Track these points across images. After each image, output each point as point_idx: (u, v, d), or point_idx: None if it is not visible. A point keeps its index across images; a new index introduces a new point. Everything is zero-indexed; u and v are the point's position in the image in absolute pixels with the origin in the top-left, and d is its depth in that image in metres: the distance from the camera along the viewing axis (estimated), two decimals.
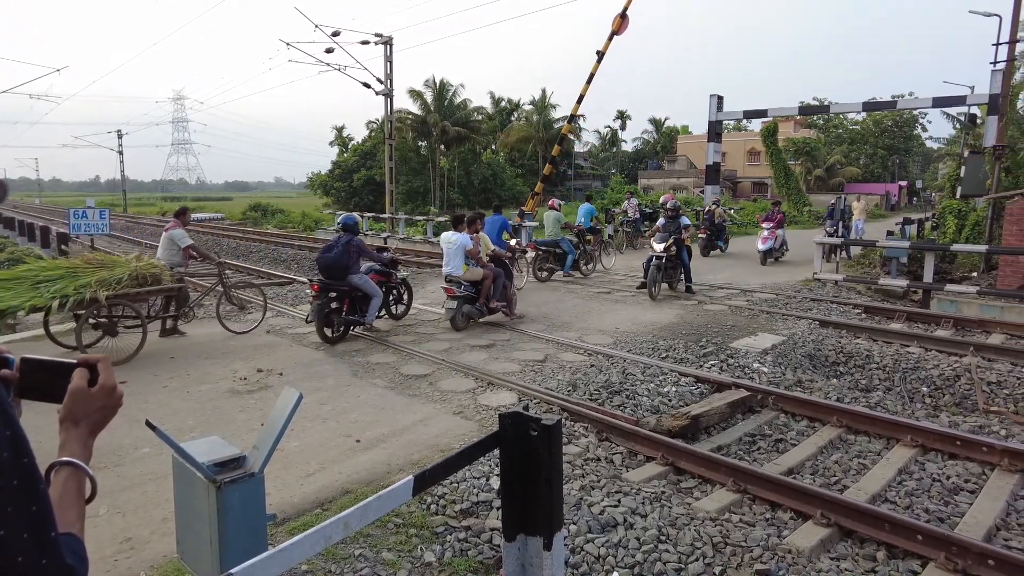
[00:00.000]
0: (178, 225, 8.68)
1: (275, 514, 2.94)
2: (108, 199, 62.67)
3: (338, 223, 9.11)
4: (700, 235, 17.75)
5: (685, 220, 11.63)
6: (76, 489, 1.09)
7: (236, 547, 2.16)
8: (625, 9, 18.71)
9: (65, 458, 1.10)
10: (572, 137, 55.10)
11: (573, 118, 21.81)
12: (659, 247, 11.13)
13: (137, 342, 7.28)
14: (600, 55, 19.09)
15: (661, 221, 11.81)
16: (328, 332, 8.17)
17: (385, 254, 9.51)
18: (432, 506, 4.05)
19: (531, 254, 13.69)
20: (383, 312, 9.02)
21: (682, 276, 11.66)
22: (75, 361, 1.17)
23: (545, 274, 13.48)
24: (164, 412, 5.67)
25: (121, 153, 51.52)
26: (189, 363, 7.22)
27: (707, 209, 19.04)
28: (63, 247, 18.48)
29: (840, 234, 17.33)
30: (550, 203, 14.16)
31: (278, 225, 34.27)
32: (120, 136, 51.30)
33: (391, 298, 9.32)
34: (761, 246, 16.32)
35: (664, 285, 11.52)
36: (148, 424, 2.05)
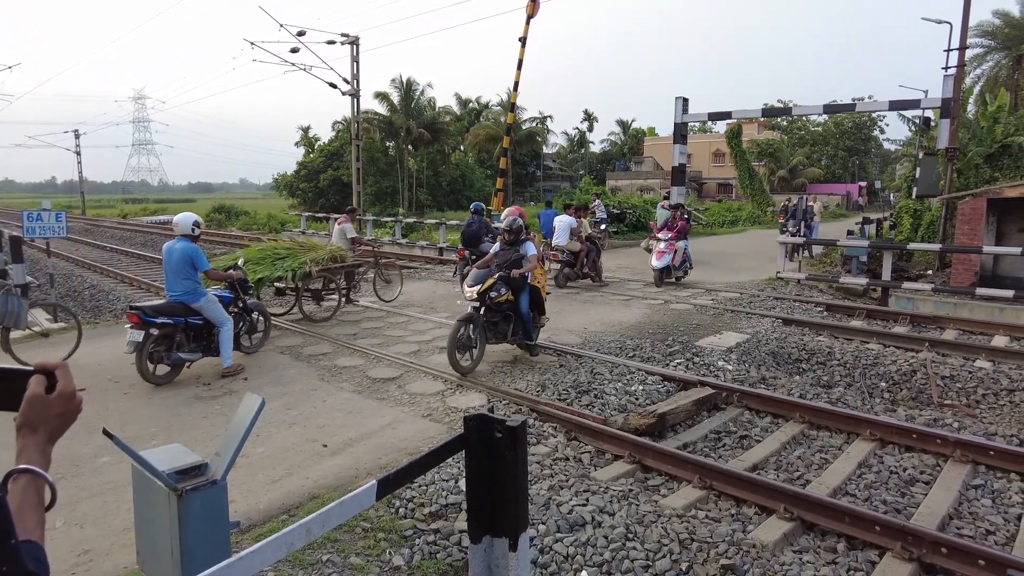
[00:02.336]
0: (347, 220, 11.52)
1: (239, 521, 2.90)
2: (65, 201, 60.83)
3: (471, 208, 12.40)
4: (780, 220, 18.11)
5: (531, 248, 7.43)
6: (35, 496, 1.09)
7: (198, 556, 2.13)
8: None
9: (24, 465, 1.09)
10: (539, 139, 55.30)
11: (514, 106, 22.22)
12: (471, 290, 7.04)
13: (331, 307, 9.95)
14: (522, 41, 19.37)
15: (496, 248, 7.79)
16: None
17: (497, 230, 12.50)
18: (400, 509, 4.03)
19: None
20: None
21: (519, 331, 7.37)
22: (31, 368, 1.15)
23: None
24: (125, 419, 5.54)
25: (79, 154, 50.01)
26: None
27: (793, 205, 19.68)
28: None
29: (802, 234, 17.73)
30: (662, 204, 17.83)
31: (243, 227, 33.67)
32: (77, 136, 49.77)
33: None
34: (655, 262, 12.69)
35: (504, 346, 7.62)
36: (105, 432, 2.01)
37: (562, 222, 12.77)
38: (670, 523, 3.90)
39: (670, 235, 12.96)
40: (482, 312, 7.01)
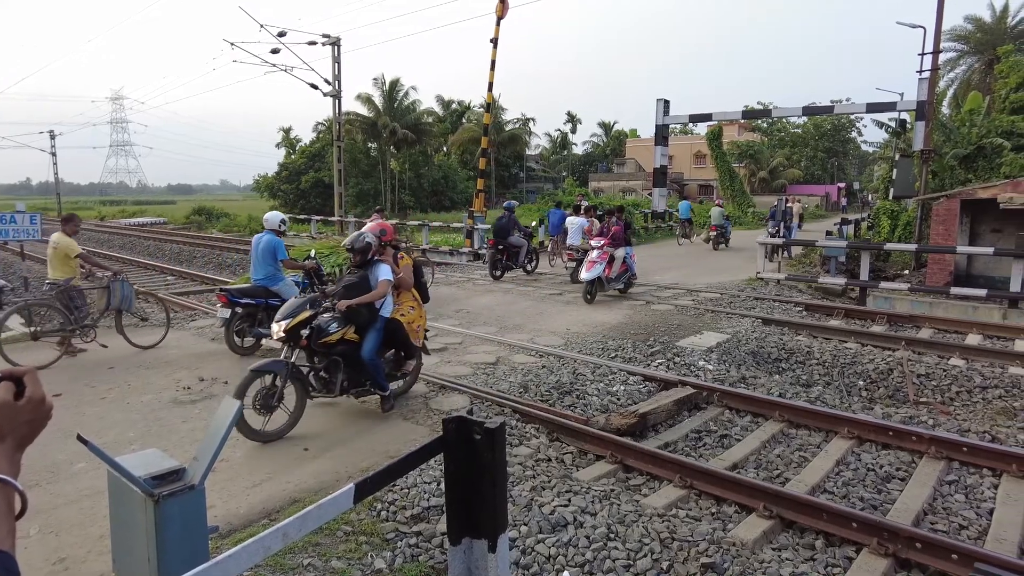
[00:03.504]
0: (379, 217, 12.14)
1: (217, 526, 2.88)
2: (40, 203, 59.71)
3: (504, 205, 14.66)
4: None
5: (383, 271, 5.61)
6: (5, 505, 1.06)
7: (175, 562, 2.11)
8: None
9: None
10: (524, 139, 55.43)
11: (489, 106, 22.46)
12: (277, 327, 5.38)
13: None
14: (494, 42, 19.55)
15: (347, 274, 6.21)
16: (497, 273, 13.87)
17: (527, 230, 14.71)
18: (382, 512, 4.02)
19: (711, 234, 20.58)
20: (532, 264, 14.73)
21: (364, 380, 5.61)
22: None
23: (721, 245, 20.44)
24: (102, 425, 5.46)
25: (54, 155, 49.14)
26: (129, 373, 6.97)
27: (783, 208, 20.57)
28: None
29: (782, 234, 17.93)
30: (717, 202, 22.18)
31: (223, 229, 33.35)
32: (53, 137, 48.88)
33: (527, 259, 14.42)
34: (585, 273, 10.99)
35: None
36: (80, 438, 1.99)
37: (574, 223, 14.03)
38: (651, 522, 3.93)
39: (603, 242, 11.32)
40: (294, 356, 5.33)
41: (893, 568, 3.60)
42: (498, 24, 19.36)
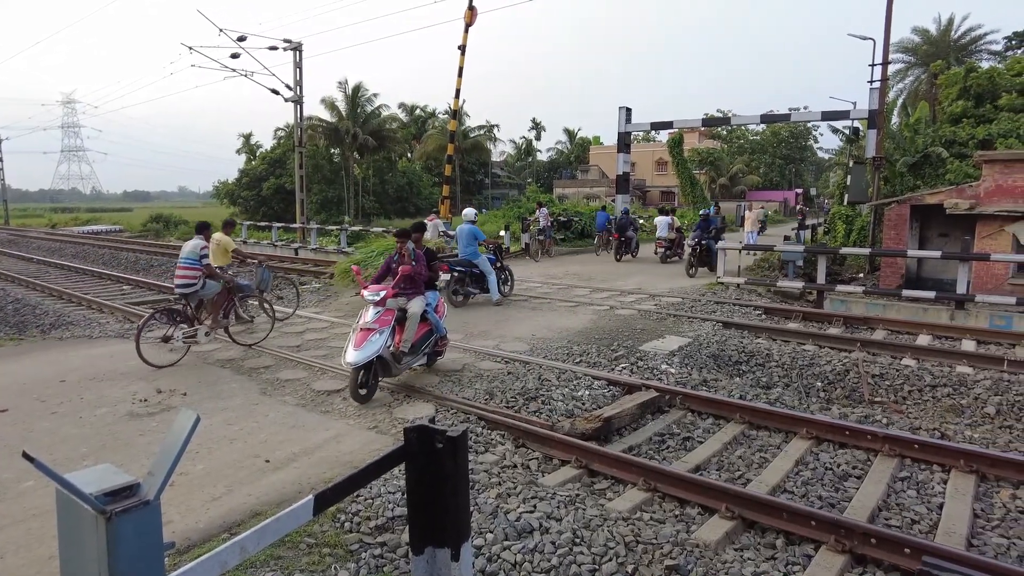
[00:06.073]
0: (436, 217, 15.37)
1: (174, 542, 2.79)
2: None
3: (622, 210, 20.27)
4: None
5: None
6: None
7: None
8: (472, 0, 19.43)
9: None
10: (489, 146, 55.57)
11: (456, 113, 22.65)
12: None
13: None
14: (461, 49, 19.76)
15: None
16: (618, 257, 18.62)
17: (637, 226, 20.01)
18: (346, 523, 3.96)
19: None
20: (635, 252, 19.67)
21: None
22: None
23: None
24: (53, 441, 5.27)
25: (0, 160, 47.39)
26: (82, 386, 6.75)
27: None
28: None
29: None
30: (761, 206, 24.09)
31: (181, 236, 32.52)
32: None
33: (635, 247, 19.65)
34: (354, 353, 6.05)
35: None
36: (25, 455, 1.91)
37: (662, 220, 18.97)
38: (616, 526, 3.96)
39: (383, 293, 6.45)
40: None
41: (850, 564, 3.70)
42: (466, 31, 19.46)
